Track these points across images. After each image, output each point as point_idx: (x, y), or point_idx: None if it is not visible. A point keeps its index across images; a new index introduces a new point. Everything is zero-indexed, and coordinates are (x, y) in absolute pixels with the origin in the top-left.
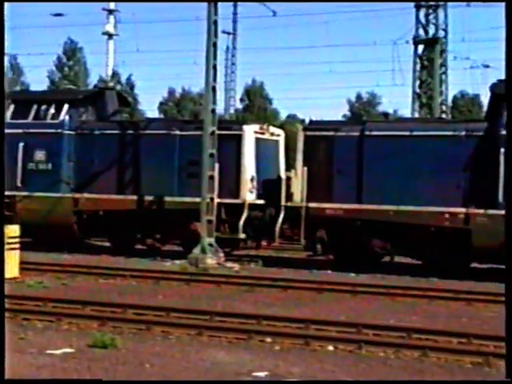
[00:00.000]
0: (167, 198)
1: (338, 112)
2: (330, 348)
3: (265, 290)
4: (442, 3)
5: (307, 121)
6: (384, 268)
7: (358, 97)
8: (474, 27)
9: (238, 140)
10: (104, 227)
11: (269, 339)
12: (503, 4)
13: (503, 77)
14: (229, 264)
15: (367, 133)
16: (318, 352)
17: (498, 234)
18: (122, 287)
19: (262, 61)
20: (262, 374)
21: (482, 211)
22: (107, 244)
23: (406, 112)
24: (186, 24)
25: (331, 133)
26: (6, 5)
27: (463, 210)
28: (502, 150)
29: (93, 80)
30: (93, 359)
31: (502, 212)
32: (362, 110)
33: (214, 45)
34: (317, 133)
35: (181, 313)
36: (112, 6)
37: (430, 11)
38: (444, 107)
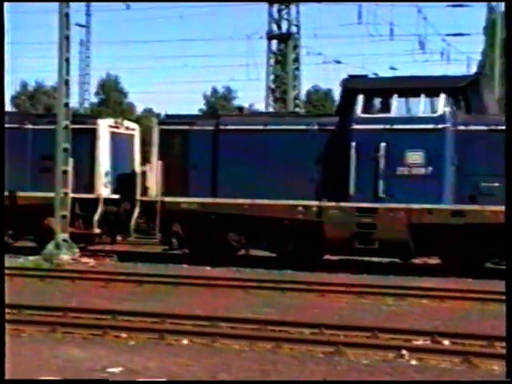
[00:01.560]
0: (20, 193)
1: (194, 106)
2: (185, 342)
3: (120, 285)
4: None
5: (163, 115)
6: (239, 261)
7: (214, 91)
8: (326, 23)
9: (93, 134)
10: None
11: (124, 334)
12: (353, 1)
13: (354, 72)
14: (84, 259)
15: (222, 127)
16: (173, 346)
17: (349, 226)
18: None
19: (117, 54)
20: (116, 370)
21: (333, 204)
22: None
23: (260, 106)
24: (38, 16)
25: (186, 127)
26: None
27: (316, 202)
28: (353, 143)
29: None
30: None
31: (353, 204)
32: (218, 105)
33: (67, 38)
34: (172, 127)
35: (34, 310)
36: None
37: (283, 7)
38: (298, 101)
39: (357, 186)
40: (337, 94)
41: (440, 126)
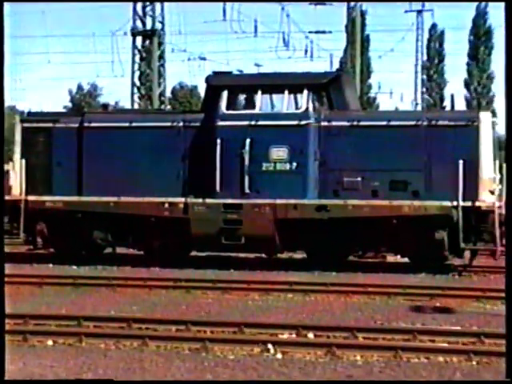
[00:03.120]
0: None
1: (59, 103)
2: (50, 342)
3: None
4: None
5: (26, 112)
6: (106, 259)
7: (79, 88)
8: (190, 20)
9: None
10: None
11: None
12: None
13: (219, 69)
14: None
15: (86, 124)
16: (36, 347)
17: (216, 222)
18: None
19: None
20: None
21: (200, 200)
22: None
23: (126, 103)
24: None
25: (50, 124)
26: None
27: (182, 199)
28: (219, 140)
29: None
30: None
31: (219, 201)
32: (84, 102)
33: None
34: (35, 124)
35: None
36: None
37: (147, 3)
38: (163, 98)
39: (223, 182)
40: (202, 90)
41: (303, 122)
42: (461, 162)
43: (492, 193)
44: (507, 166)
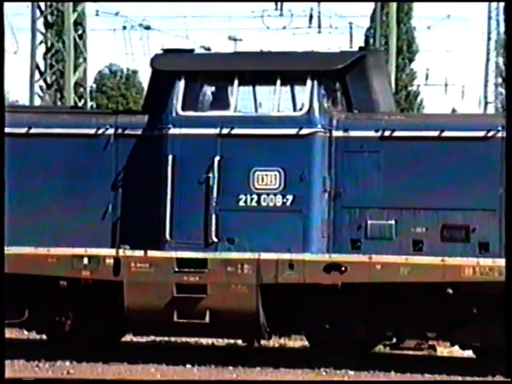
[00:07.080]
0: None
1: None
2: None
3: None
4: None
5: None
6: None
7: None
8: None
9: None
10: None
11: None
12: None
13: (172, 44)
14: None
15: None
16: None
17: (164, 289)
18: None
19: None
20: None
21: (140, 254)
22: None
23: (22, 97)
24: None
25: None
26: None
27: (112, 251)
28: (170, 157)
29: None
30: None
31: (171, 254)
32: None
33: None
34: None
35: None
36: None
37: None
38: (82, 90)
39: (176, 225)
40: (146, 78)
41: (306, 131)
42: None
43: None
44: (507, 168)
